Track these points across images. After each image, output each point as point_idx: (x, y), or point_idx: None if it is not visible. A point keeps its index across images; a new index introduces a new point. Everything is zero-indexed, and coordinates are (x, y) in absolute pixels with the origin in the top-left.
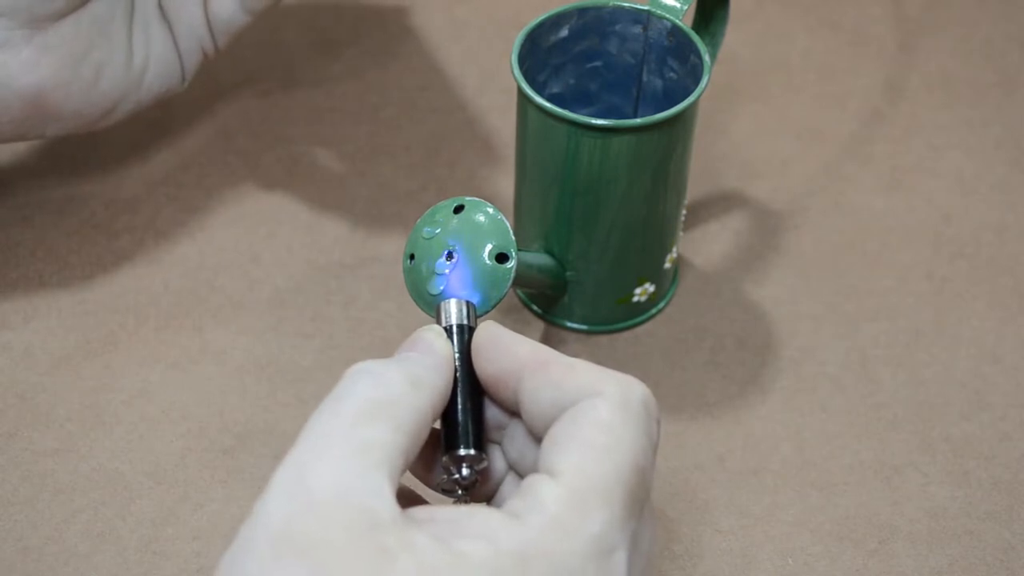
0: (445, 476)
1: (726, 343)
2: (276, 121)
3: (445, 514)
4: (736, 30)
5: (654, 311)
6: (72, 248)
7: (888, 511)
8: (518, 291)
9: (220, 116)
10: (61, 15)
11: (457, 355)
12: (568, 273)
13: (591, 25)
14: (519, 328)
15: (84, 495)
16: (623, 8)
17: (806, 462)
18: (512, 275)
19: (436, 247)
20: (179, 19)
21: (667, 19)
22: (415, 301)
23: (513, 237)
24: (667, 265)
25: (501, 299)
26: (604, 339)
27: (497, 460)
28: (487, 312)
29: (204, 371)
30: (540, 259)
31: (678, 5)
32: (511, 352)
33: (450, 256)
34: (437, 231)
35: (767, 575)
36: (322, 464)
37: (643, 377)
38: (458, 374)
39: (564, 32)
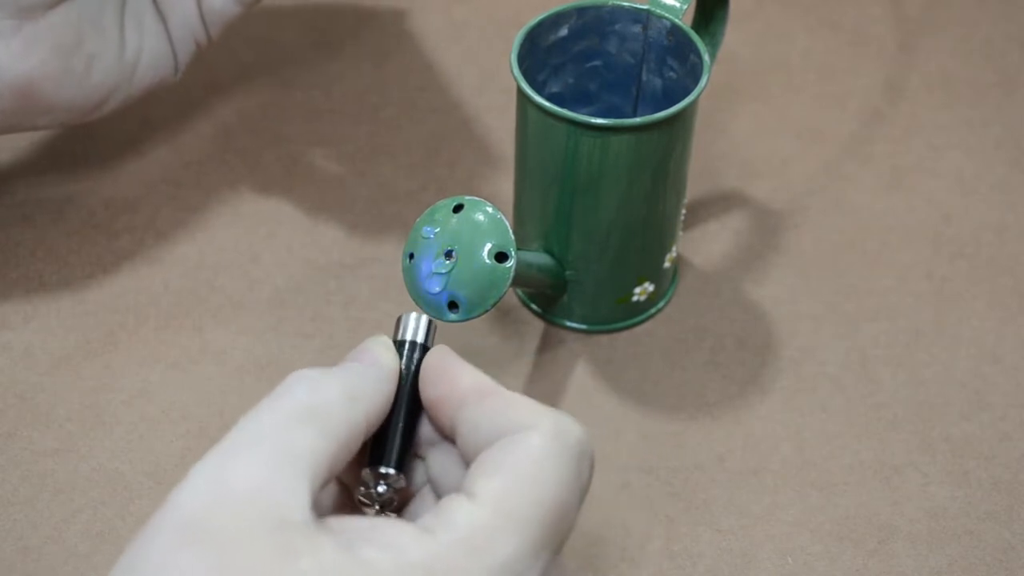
0: (363, 488)
1: (726, 343)
2: (275, 121)
3: (359, 523)
4: (736, 30)
5: (654, 311)
6: (72, 248)
7: (888, 511)
8: (517, 290)
9: (219, 116)
10: (50, 5)
11: (403, 371)
12: (567, 272)
13: (590, 24)
14: (519, 327)
15: (84, 495)
16: (622, 7)
17: (806, 462)
18: (511, 274)
19: (435, 246)
20: (172, 10)
21: (667, 18)
22: (415, 301)
23: (512, 236)
24: (667, 265)
25: (500, 298)
26: (604, 339)
27: (418, 474)
28: (486, 312)
29: (204, 371)
30: (539, 258)
31: (678, 4)
32: (455, 380)
33: (449, 255)
34: (436, 230)
35: (767, 575)
36: (244, 460)
37: (643, 377)
38: (400, 391)
39: (563, 32)
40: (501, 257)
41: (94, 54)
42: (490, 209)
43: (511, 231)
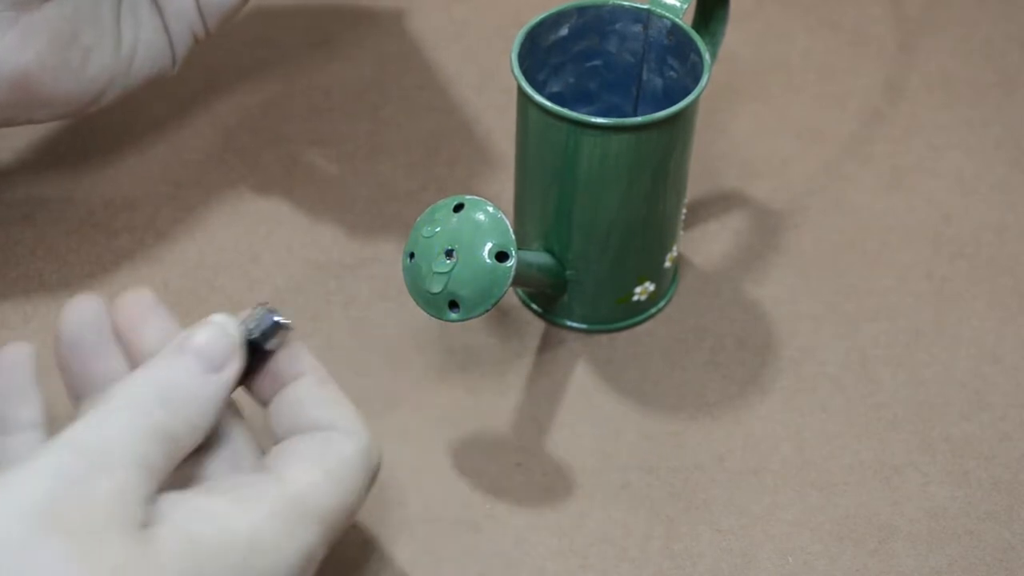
0: None
1: (726, 343)
2: (275, 120)
3: (186, 503)
4: (736, 30)
5: (654, 310)
6: (72, 247)
7: (888, 511)
8: (518, 290)
9: (219, 115)
10: None
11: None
12: (568, 272)
13: (591, 24)
14: (519, 327)
15: None
16: (623, 7)
17: (806, 462)
18: (512, 274)
19: (436, 246)
20: (169, 2)
21: (667, 18)
22: (415, 300)
23: (513, 236)
24: (667, 264)
25: (500, 298)
26: (604, 338)
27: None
28: (487, 311)
29: None
30: (540, 258)
31: (678, 4)
32: (300, 358)
33: (450, 255)
34: (437, 230)
35: (767, 574)
36: (95, 462)
37: (642, 377)
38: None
39: (564, 31)
40: (501, 256)
41: (90, 46)
42: (491, 208)
43: (511, 230)
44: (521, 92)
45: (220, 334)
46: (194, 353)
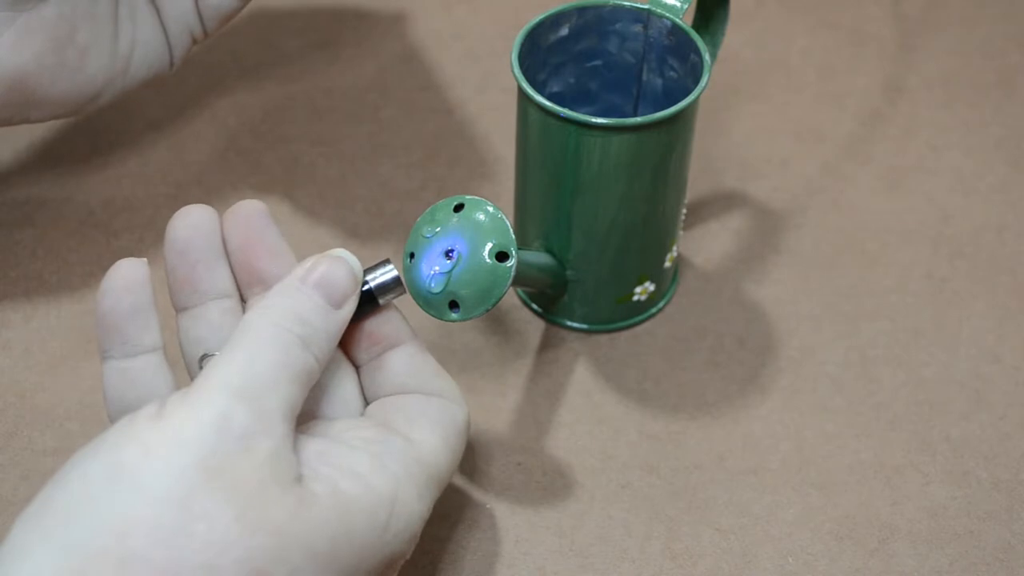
0: None
1: (726, 343)
2: (276, 121)
3: (329, 460)
4: (736, 30)
5: (654, 310)
6: (72, 247)
7: (888, 511)
8: (518, 290)
9: (220, 115)
10: None
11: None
12: (568, 272)
13: (591, 24)
14: (519, 327)
15: None
16: (623, 7)
17: (806, 462)
18: (512, 274)
19: (436, 246)
20: (167, 2)
21: (667, 18)
22: (416, 300)
23: (513, 236)
24: (667, 264)
25: (501, 298)
26: (604, 338)
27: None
28: (487, 311)
29: None
30: (540, 258)
31: (678, 4)
32: (403, 324)
33: (450, 255)
34: (437, 230)
35: (767, 574)
36: (247, 411)
37: (643, 377)
38: None
39: (564, 31)
40: (502, 256)
41: (88, 46)
42: (491, 208)
43: (511, 230)
44: (521, 92)
45: (345, 270)
46: (319, 287)
